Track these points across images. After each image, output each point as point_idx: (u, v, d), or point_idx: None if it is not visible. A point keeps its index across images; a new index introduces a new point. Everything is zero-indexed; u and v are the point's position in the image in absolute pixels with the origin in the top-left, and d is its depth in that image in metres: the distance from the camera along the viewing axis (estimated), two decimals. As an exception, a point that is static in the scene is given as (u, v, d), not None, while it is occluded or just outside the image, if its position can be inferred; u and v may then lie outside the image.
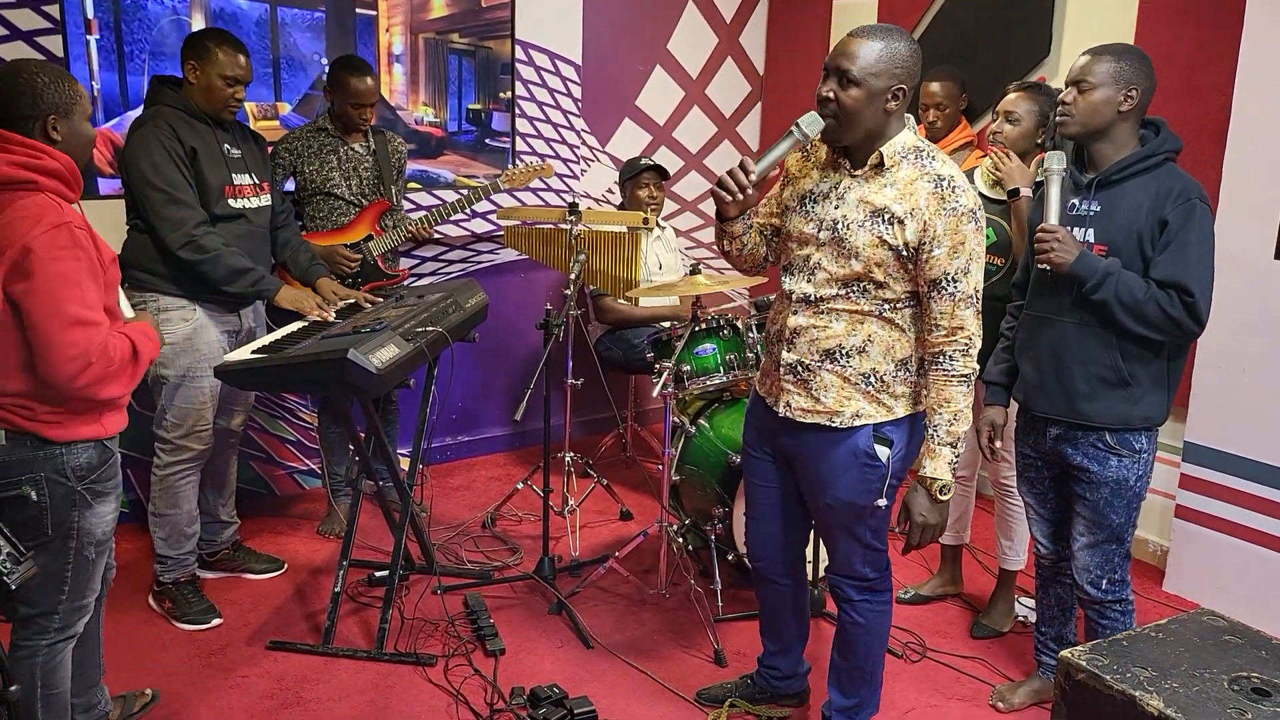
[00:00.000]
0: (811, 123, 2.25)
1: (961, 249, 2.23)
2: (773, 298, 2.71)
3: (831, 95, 2.23)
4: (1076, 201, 2.62)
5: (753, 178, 2.30)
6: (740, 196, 2.32)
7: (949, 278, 2.25)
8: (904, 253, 2.26)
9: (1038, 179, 3.10)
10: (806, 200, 2.40)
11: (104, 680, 2.71)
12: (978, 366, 2.32)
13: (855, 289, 2.32)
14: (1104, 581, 2.68)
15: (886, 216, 2.26)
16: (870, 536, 2.50)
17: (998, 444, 2.84)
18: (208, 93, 3.21)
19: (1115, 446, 2.60)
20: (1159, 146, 2.54)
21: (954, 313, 2.27)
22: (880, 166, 2.29)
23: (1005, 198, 3.11)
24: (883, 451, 2.37)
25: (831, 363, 2.37)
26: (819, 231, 2.35)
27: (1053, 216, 2.57)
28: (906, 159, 2.28)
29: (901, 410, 2.39)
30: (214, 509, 3.62)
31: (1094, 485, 2.63)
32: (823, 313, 2.36)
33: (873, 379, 2.36)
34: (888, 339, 2.35)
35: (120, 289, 2.47)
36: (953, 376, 2.30)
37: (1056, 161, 2.60)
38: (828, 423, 2.39)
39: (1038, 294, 2.70)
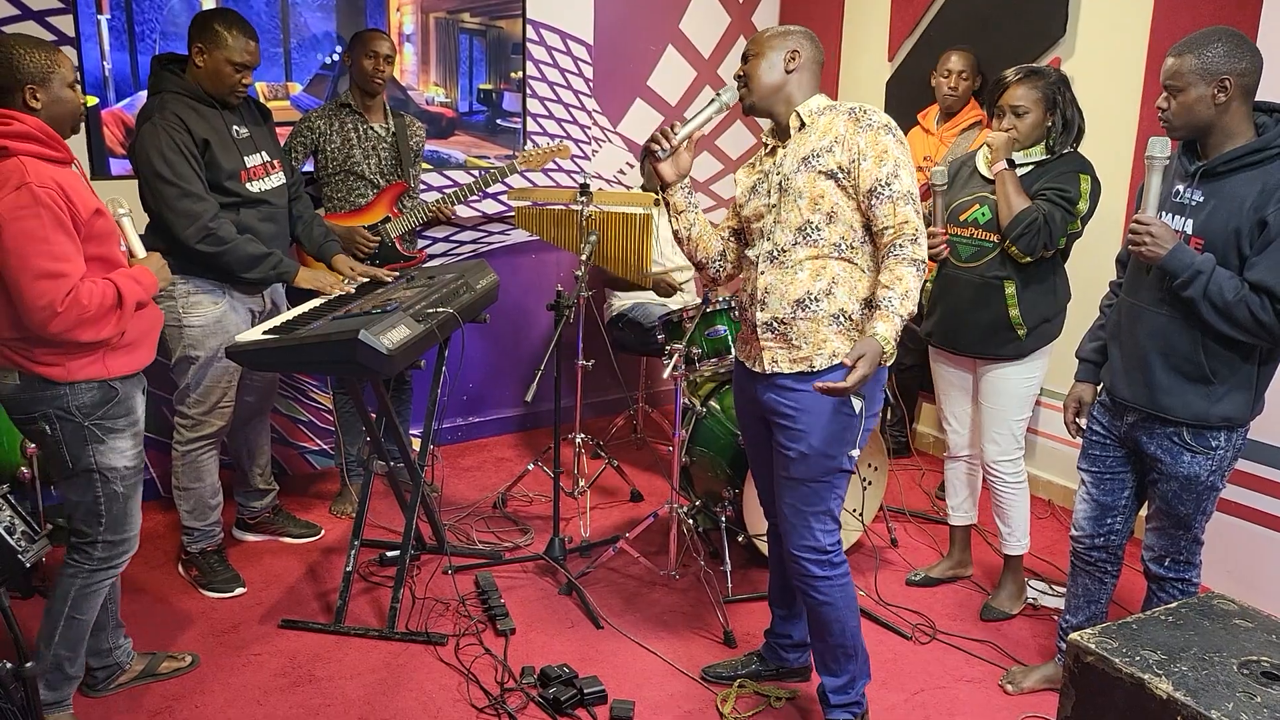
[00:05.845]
0: (729, 91, 2.57)
1: (886, 156, 2.40)
2: None
3: (741, 72, 2.57)
4: (1181, 188, 2.51)
5: (679, 130, 2.58)
6: (666, 146, 2.57)
7: (882, 182, 2.40)
8: (840, 177, 2.44)
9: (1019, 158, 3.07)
10: (756, 186, 2.61)
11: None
12: (927, 256, 2.43)
13: (810, 230, 2.47)
14: (1166, 559, 2.68)
15: (816, 152, 2.46)
16: (832, 498, 2.54)
17: (1082, 421, 2.82)
18: (214, 78, 3.16)
19: (1190, 443, 2.54)
20: (1271, 140, 2.38)
21: (895, 210, 2.40)
22: (803, 127, 2.51)
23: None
24: (856, 403, 2.42)
25: (803, 310, 2.48)
26: (768, 197, 2.54)
27: (1151, 208, 2.46)
28: (823, 115, 2.51)
29: None
30: (250, 478, 3.70)
31: (1165, 478, 2.60)
32: (787, 267, 2.49)
33: (842, 318, 2.48)
34: (850, 279, 2.48)
35: (130, 230, 2.63)
36: (904, 258, 2.39)
37: (1159, 149, 2.42)
38: (808, 368, 2.49)
39: (1133, 281, 2.64)
